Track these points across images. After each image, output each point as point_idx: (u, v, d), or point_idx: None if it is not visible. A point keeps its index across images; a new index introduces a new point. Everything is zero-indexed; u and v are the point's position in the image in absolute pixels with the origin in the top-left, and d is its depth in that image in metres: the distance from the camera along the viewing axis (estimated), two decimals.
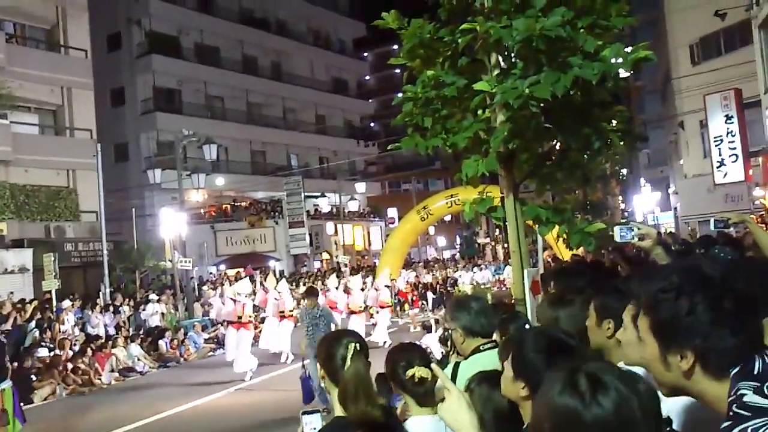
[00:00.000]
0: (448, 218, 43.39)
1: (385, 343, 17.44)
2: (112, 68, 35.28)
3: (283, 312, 17.89)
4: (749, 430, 1.45)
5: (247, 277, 22.66)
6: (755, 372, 1.54)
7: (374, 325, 19.38)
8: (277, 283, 19.83)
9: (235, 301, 16.20)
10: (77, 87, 27.64)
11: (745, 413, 1.48)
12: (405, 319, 23.64)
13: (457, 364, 3.54)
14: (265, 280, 21.31)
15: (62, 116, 27.96)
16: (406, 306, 26.37)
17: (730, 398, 1.52)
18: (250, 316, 16.13)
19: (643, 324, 1.70)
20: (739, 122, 21.27)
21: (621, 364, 2.56)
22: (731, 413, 1.50)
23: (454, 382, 3.40)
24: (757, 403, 1.48)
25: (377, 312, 19.84)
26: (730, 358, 1.56)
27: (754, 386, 1.51)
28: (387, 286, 24.00)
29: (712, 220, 4.75)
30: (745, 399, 1.50)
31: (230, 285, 20.18)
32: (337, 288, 20.42)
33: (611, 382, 1.45)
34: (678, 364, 1.59)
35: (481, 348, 3.47)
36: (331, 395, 2.77)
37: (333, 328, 10.28)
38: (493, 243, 41.21)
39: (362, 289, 19.35)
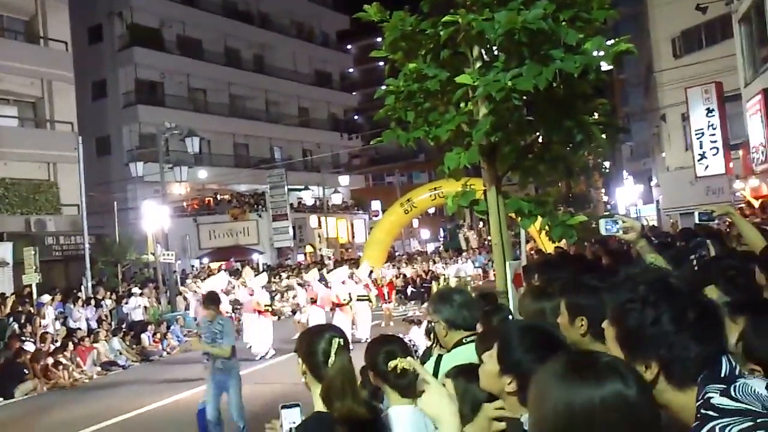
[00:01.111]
0: (432, 211, 43.43)
1: (366, 339, 16.86)
2: (93, 61, 34.92)
3: (260, 307, 17.44)
4: (717, 428, 1.47)
5: (223, 272, 22.16)
6: (722, 375, 1.57)
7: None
8: (255, 276, 19.52)
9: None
10: (58, 79, 27.34)
11: (713, 413, 1.50)
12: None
13: (439, 357, 3.54)
14: (239, 275, 20.85)
15: (42, 109, 27.66)
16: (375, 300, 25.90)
17: (698, 402, 1.54)
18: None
19: (609, 334, 1.71)
20: (720, 115, 21.43)
21: None
22: (698, 415, 1.52)
23: (437, 375, 3.42)
24: (724, 405, 1.51)
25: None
26: (693, 368, 1.58)
27: (721, 388, 1.53)
28: (374, 281, 23.82)
29: (696, 212, 4.78)
30: (712, 401, 1.52)
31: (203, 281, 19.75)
32: (320, 281, 20.06)
33: (612, 367, 1.44)
34: (643, 374, 1.58)
35: (463, 341, 3.46)
36: (312, 391, 2.73)
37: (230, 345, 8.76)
38: (465, 232, 41.19)
39: (343, 282, 18.87)
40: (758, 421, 1.46)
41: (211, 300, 9.04)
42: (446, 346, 3.57)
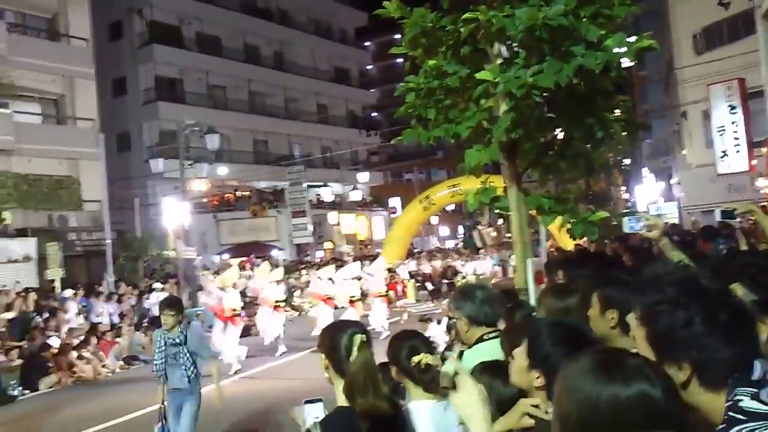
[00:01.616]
0: (451, 208, 43.34)
1: (381, 334, 16.70)
2: (113, 58, 35.22)
3: (278, 302, 17.33)
4: (744, 431, 1.47)
5: (235, 266, 21.88)
6: (754, 378, 1.56)
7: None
8: (271, 271, 19.29)
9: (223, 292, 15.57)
10: (79, 76, 27.59)
11: (741, 416, 1.50)
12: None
13: (461, 353, 3.55)
14: (253, 270, 20.56)
15: (64, 106, 27.96)
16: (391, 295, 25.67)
17: (727, 403, 1.54)
18: (233, 310, 15.33)
19: (639, 334, 1.71)
20: (743, 112, 21.21)
21: None
22: (726, 417, 1.52)
23: None
24: (753, 408, 1.50)
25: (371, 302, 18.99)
26: (725, 370, 1.58)
27: (751, 392, 1.53)
28: (392, 273, 23.61)
29: (717, 210, 4.77)
30: (741, 404, 1.52)
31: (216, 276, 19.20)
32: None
33: (639, 366, 1.46)
34: (675, 375, 1.59)
35: (485, 337, 3.47)
36: (335, 386, 2.76)
37: (203, 363, 7.61)
38: (480, 230, 40.99)
39: (358, 278, 18.66)
40: None
41: (168, 305, 7.39)
42: (467, 342, 3.57)
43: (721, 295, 1.67)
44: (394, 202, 48.37)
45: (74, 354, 15.68)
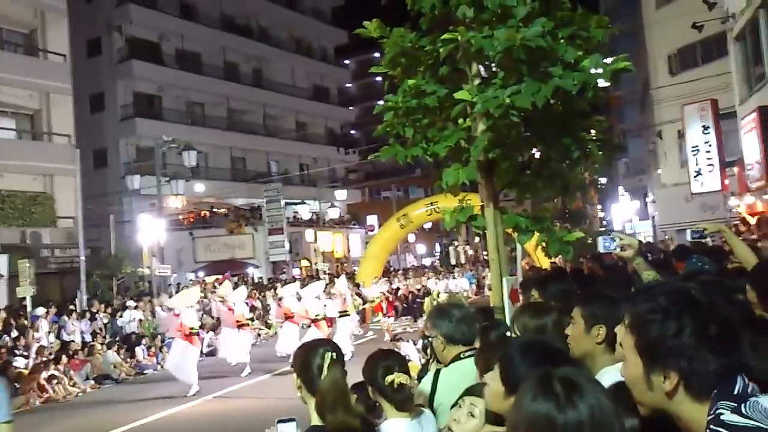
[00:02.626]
0: (428, 226, 43.45)
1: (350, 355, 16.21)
2: (91, 73, 34.99)
3: (240, 321, 17.03)
4: None
5: (197, 286, 21.57)
6: (735, 392, 1.57)
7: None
8: (234, 289, 19.06)
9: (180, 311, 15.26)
10: (56, 92, 27.36)
11: (721, 430, 1.51)
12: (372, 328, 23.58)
13: (437, 372, 3.55)
14: (215, 288, 20.21)
15: (40, 121, 27.68)
16: (379, 314, 25.65)
17: (709, 417, 1.55)
18: (191, 329, 15.12)
19: (628, 343, 1.72)
20: (716, 132, 21.51)
21: (604, 371, 2.60)
22: (708, 430, 1.53)
23: (435, 390, 3.44)
24: (735, 422, 1.51)
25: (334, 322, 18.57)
26: (712, 381, 1.59)
27: (732, 406, 1.54)
28: (357, 294, 23.47)
29: (688, 230, 4.82)
30: (722, 417, 1.53)
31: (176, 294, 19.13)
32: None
33: (586, 386, 1.48)
34: (661, 385, 1.60)
35: (461, 356, 3.48)
36: (308, 405, 2.76)
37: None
38: (456, 248, 41.11)
39: (318, 298, 18.02)
40: None
41: None
42: (444, 361, 3.57)
43: (712, 307, 1.68)
44: (372, 219, 48.39)
45: (45, 374, 15.39)
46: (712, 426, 1.53)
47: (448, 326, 3.53)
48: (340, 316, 18.53)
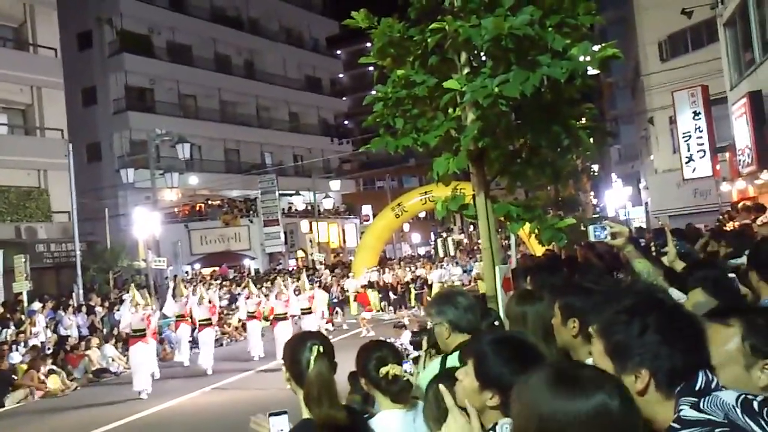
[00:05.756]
0: (422, 215, 43.44)
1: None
2: (83, 67, 34.84)
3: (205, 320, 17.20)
4: None
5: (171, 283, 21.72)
6: (696, 388, 1.62)
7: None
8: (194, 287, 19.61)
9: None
10: (47, 86, 27.27)
11: (676, 426, 1.56)
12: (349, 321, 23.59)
13: (444, 357, 3.49)
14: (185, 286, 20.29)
15: (32, 116, 27.59)
16: (355, 307, 25.05)
17: (675, 415, 1.60)
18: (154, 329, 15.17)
19: (598, 348, 1.76)
20: (707, 118, 21.55)
21: (589, 362, 2.64)
22: (668, 427, 1.58)
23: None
24: (689, 417, 1.56)
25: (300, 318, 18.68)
26: (678, 377, 1.63)
27: (692, 401, 1.59)
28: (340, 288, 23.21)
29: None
30: (681, 414, 1.58)
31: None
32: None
33: (595, 378, 1.47)
34: (633, 385, 1.64)
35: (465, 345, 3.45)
36: (298, 397, 2.76)
37: None
38: (447, 237, 40.89)
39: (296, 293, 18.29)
40: (716, 430, 1.52)
41: None
42: (446, 350, 3.50)
43: (676, 306, 1.74)
44: (367, 209, 48.38)
45: (43, 369, 15.43)
46: (672, 423, 1.57)
47: (454, 313, 3.45)
48: (303, 314, 18.45)
